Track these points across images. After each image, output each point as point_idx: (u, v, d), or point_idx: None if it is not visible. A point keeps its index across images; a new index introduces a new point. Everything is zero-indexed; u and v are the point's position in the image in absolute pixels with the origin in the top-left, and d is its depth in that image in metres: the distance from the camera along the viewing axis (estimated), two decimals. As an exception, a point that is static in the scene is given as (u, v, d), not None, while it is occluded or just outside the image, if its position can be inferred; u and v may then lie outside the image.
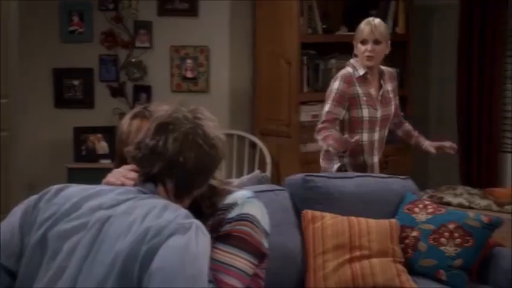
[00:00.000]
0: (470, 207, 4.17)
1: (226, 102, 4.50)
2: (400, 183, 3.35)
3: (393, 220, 3.15)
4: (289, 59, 4.31)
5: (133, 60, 4.49)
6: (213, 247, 1.76)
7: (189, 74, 4.49)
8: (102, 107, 4.52)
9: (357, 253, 3.00)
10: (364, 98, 3.39)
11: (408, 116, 4.69)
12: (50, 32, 4.46)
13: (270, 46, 4.40)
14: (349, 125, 3.42)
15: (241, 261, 1.77)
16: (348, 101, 3.37)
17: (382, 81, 3.44)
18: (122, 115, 4.07)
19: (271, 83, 4.44)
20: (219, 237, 1.78)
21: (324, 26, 4.45)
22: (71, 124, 4.47)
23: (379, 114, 3.44)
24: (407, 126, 3.64)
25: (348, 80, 3.37)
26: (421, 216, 3.17)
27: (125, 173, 1.79)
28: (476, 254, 3.06)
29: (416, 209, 3.22)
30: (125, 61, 4.50)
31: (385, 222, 3.11)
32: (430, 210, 3.21)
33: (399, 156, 4.69)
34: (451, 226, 3.11)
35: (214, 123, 1.70)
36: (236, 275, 1.75)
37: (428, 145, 3.53)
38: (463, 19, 4.59)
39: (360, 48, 3.38)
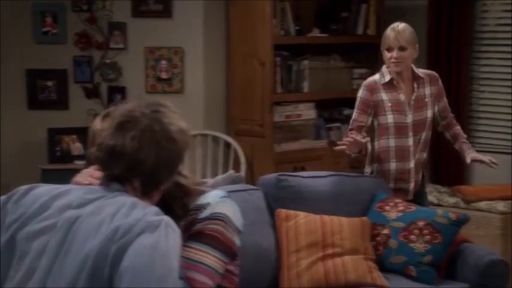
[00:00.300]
0: (439, 205, 4.24)
1: (200, 102, 4.51)
2: (371, 182, 3.41)
3: (365, 218, 3.20)
4: (263, 60, 4.34)
5: (107, 61, 4.48)
6: (184, 245, 1.76)
7: (163, 75, 4.49)
8: (76, 108, 4.50)
9: (330, 251, 3.04)
10: (389, 104, 3.35)
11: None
12: (23, 33, 4.43)
13: (244, 47, 4.42)
14: (378, 131, 3.42)
15: (212, 259, 1.77)
16: (373, 108, 3.37)
17: (415, 85, 3.38)
18: (96, 116, 4.04)
19: (245, 84, 4.46)
20: (191, 235, 1.78)
21: (297, 28, 4.48)
22: (45, 125, 4.44)
23: (409, 119, 3.37)
24: (457, 129, 3.55)
25: (371, 88, 3.37)
26: (392, 214, 3.22)
27: (92, 173, 1.79)
28: (444, 250, 3.12)
29: (387, 207, 3.27)
30: (99, 62, 4.49)
31: (357, 221, 3.16)
32: (401, 208, 3.26)
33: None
34: (421, 223, 3.16)
35: (176, 115, 1.68)
36: (206, 272, 1.75)
37: (467, 154, 3.45)
38: (431, 21, 4.66)
39: (386, 55, 3.34)
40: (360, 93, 3.41)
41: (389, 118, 3.36)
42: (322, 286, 2.97)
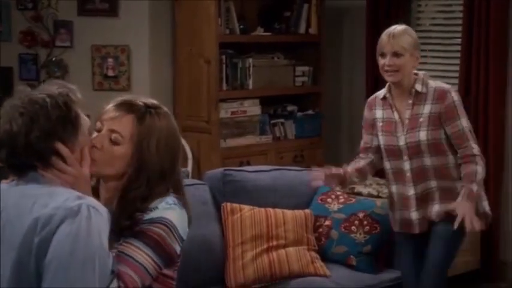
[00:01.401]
0: (378, 196, 4.27)
1: (147, 100, 4.44)
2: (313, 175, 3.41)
3: (307, 210, 3.21)
4: (209, 58, 4.30)
5: (53, 59, 4.37)
6: (124, 242, 1.74)
7: (110, 73, 4.40)
8: (22, 106, 4.36)
9: (274, 243, 3.04)
10: (380, 124, 2.85)
11: (321, 112, 4.80)
12: (-32, 30, 4.28)
13: (190, 46, 4.37)
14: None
15: (145, 257, 1.73)
16: (372, 126, 2.89)
17: (410, 102, 2.78)
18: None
19: (191, 82, 4.41)
20: (133, 233, 1.75)
21: (241, 27, 4.46)
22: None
23: (402, 141, 2.78)
24: (467, 168, 2.72)
25: (369, 104, 2.91)
26: (334, 206, 3.24)
27: None
28: (383, 240, 3.16)
29: (329, 199, 3.29)
30: (45, 60, 4.37)
31: (300, 213, 3.16)
32: (342, 200, 3.28)
33: (313, 149, 4.77)
34: (361, 215, 3.19)
35: (52, 87, 1.61)
36: (136, 268, 1.72)
37: (455, 203, 2.69)
38: (369, 20, 4.70)
39: (379, 62, 2.79)
40: (364, 111, 2.96)
41: (381, 139, 2.85)
42: (267, 277, 2.96)
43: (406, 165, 2.79)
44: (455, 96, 2.77)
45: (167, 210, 1.79)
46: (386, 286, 3.06)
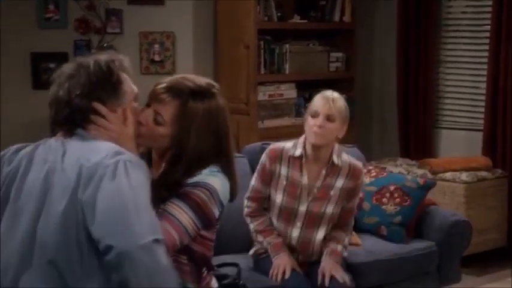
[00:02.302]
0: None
1: (190, 83, 4.51)
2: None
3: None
4: (248, 43, 4.36)
5: (105, 45, 4.47)
6: (169, 201, 1.78)
7: (156, 58, 4.50)
8: (76, 88, 4.49)
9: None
10: (284, 182, 2.63)
11: (354, 97, 4.81)
12: (28, 19, 4.42)
13: (230, 32, 4.44)
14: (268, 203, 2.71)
15: (185, 217, 1.77)
16: (270, 177, 2.67)
17: (324, 172, 2.62)
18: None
19: (231, 66, 4.48)
20: (178, 194, 1.80)
21: (279, 14, 4.51)
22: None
23: (303, 207, 2.62)
24: (337, 233, 2.68)
25: (273, 156, 2.66)
26: (366, 179, 3.27)
27: None
28: (413, 212, 3.18)
29: (362, 173, 3.31)
30: (97, 46, 4.48)
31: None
32: (373, 174, 3.31)
33: (346, 132, 4.77)
34: (392, 187, 3.22)
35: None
36: (176, 226, 1.76)
37: (323, 261, 2.64)
38: (401, 8, 4.70)
39: (309, 122, 2.60)
40: (263, 157, 2.71)
41: (278, 198, 2.64)
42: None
43: (295, 233, 2.65)
44: (364, 175, 2.73)
45: (211, 176, 1.84)
46: (416, 255, 3.07)
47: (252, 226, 2.72)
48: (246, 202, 2.75)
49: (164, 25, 4.47)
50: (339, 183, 2.65)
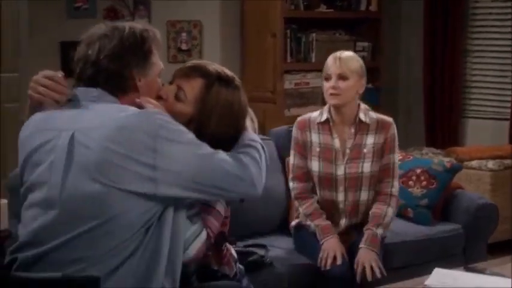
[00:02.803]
0: (434, 163, 4.24)
1: (217, 71, 4.53)
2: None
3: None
4: (274, 32, 4.36)
5: (133, 33, 4.51)
6: None
7: (183, 46, 4.52)
8: (105, 76, 4.53)
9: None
10: (317, 149, 2.63)
11: (380, 86, 4.78)
12: (58, 9, 4.49)
13: (257, 20, 4.45)
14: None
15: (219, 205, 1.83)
16: (304, 148, 2.66)
17: (352, 131, 2.61)
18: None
19: (258, 54, 4.49)
20: None
21: (305, 3, 4.51)
22: (77, 92, 4.47)
23: (340, 171, 2.61)
24: (378, 209, 2.62)
25: (301, 125, 2.67)
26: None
27: (54, 87, 1.76)
28: (439, 195, 3.15)
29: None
30: (126, 34, 4.52)
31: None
32: (400, 157, 3.27)
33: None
34: (418, 170, 3.19)
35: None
36: (214, 214, 1.82)
37: (358, 253, 2.54)
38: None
39: (324, 85, 2.60)
40: (293, 131, 2.71)
41: (315, 165, 2.63)
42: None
43: (340, 196, 2.63)
44: (395, 129, 2.65)
45: None
46: (442, 237, 3.05)
47: (300, 210, 2.69)
48: (291, 184, 2.71)
49: (191, 14, 4.50)
50: (370, 140, 2.62)
